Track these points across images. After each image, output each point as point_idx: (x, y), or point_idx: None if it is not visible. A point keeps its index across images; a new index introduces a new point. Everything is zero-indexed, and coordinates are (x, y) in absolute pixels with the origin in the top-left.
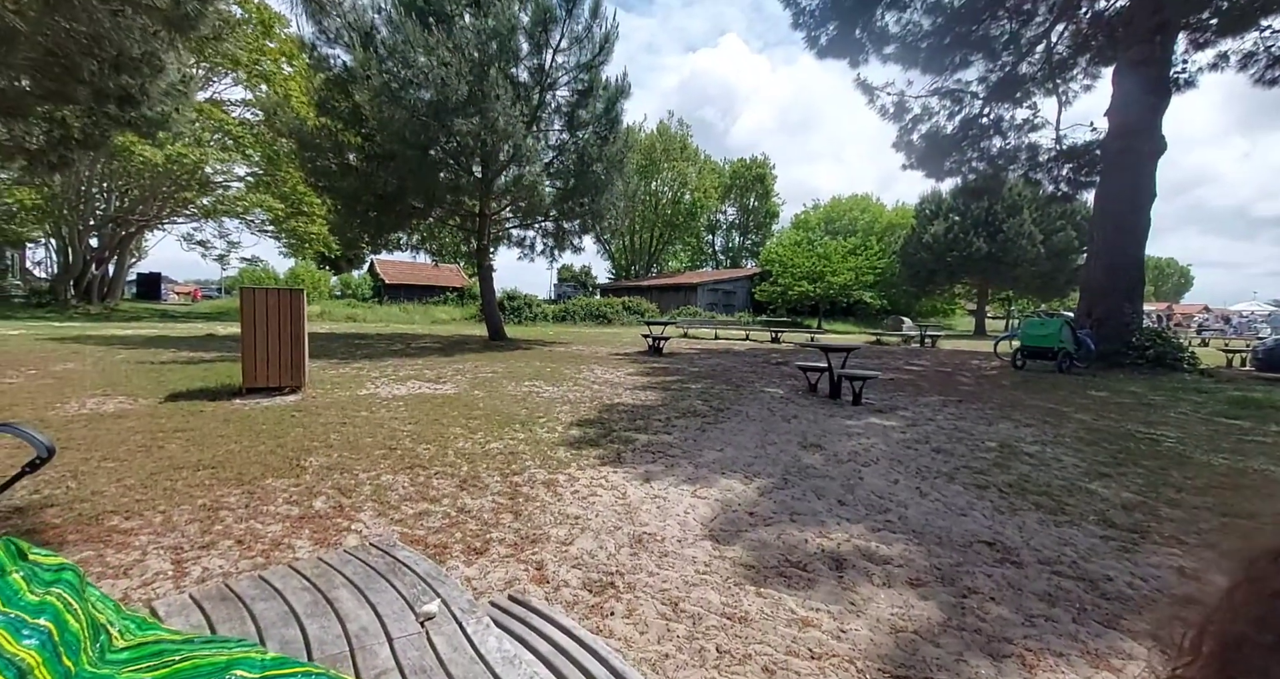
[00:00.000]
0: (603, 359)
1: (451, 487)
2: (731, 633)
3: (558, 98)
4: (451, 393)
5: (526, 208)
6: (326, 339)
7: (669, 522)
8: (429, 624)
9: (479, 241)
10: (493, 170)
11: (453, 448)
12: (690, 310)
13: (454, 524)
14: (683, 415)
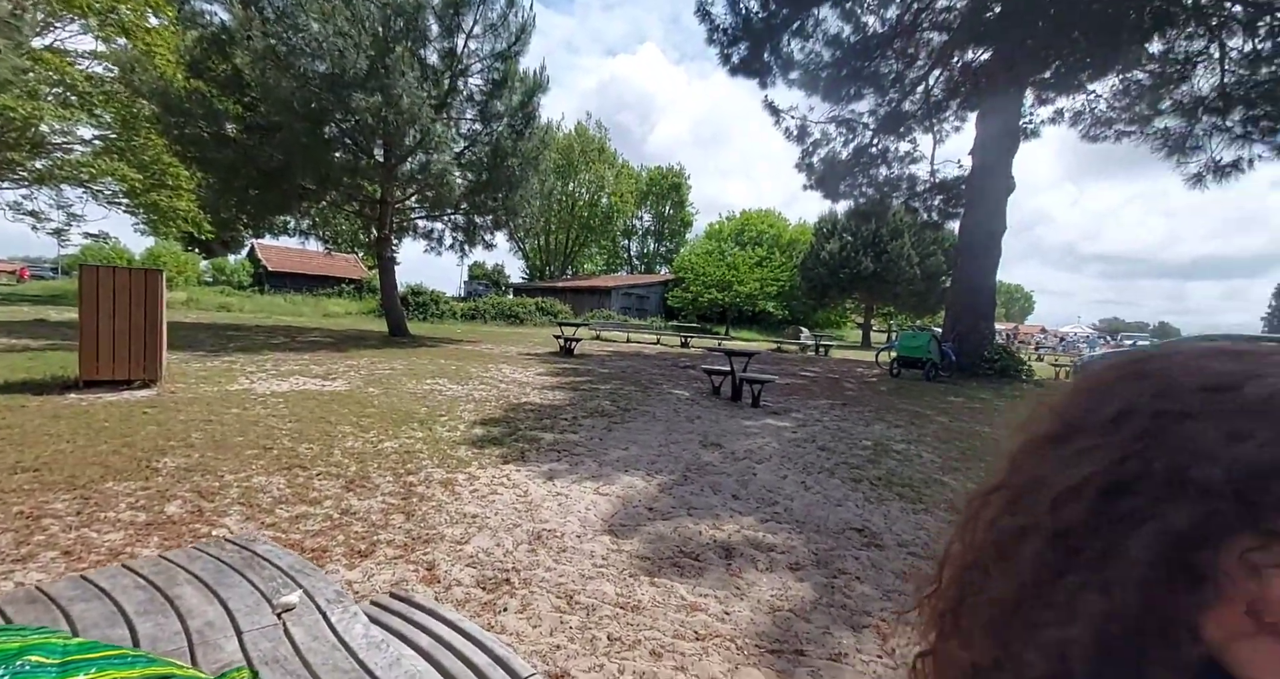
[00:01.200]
0: (512, 358)
1: (336, 488)
2: (624, 621)
3: (470, 85)
4: (342, 390)
5: (434, 198)
6: (192, 329)
7: (570, 518)
8: (288, 616)
9: (380, 231)
10: (397, 155)
11: (340, 447)
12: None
13: (336, 527)
14: (590, 415)
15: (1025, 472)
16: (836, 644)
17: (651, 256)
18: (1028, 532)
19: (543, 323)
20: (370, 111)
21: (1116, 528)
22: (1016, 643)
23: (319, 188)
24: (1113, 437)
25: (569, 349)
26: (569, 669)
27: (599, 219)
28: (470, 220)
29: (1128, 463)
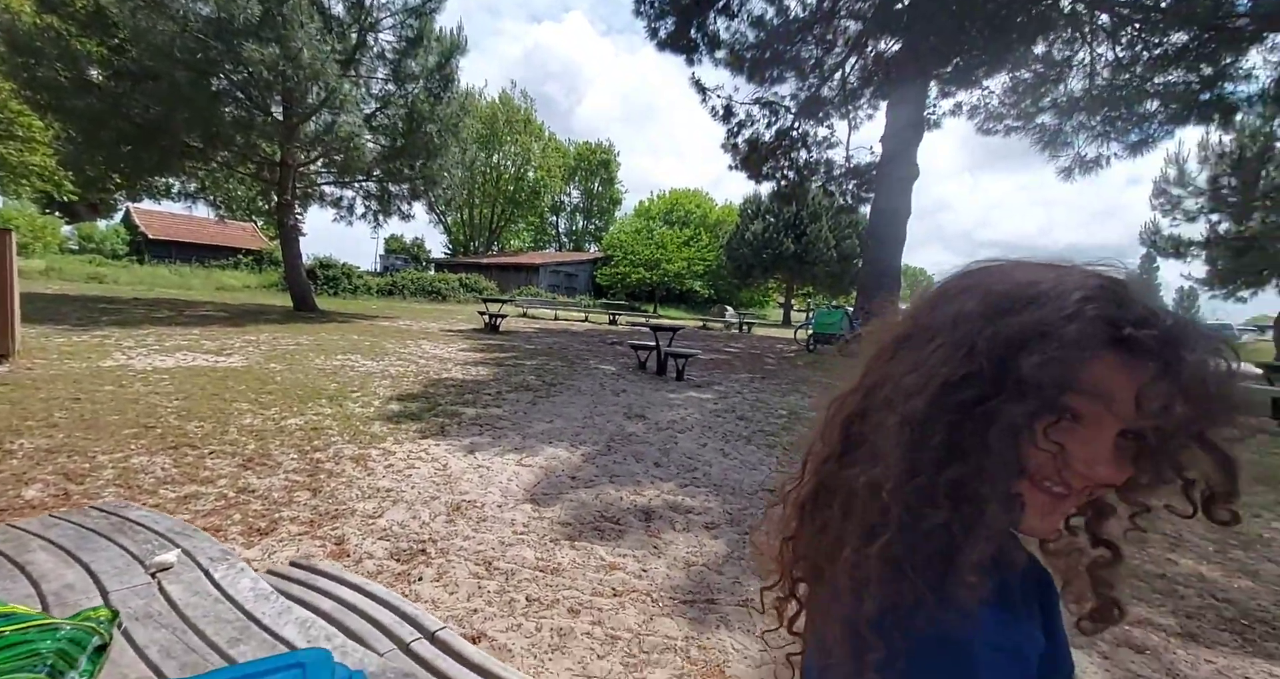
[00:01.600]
0: (433, 335)
1: (232, 466)
2: (543, 583)
3: (381, 42)
4: (239, 366)
5: (343, 163)
6: (55, 301)
7: (491, 489)
8: (166, 575)
9: (281, 196)
10: (299, 113)
11: (236, 425)
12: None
13: (232, 506)
14: (514, 390)
15: (876, 372)
16: (745, 592)
17: (580, 234)
18: (881, 424)
19: (467, 300)
20: (266, 64)
21: (955, 415)
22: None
23: (206, 146)
24: (950, 336)
25: (494, 326)
26: (486, 630)
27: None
28: (384, 188)
29: (963, 359)
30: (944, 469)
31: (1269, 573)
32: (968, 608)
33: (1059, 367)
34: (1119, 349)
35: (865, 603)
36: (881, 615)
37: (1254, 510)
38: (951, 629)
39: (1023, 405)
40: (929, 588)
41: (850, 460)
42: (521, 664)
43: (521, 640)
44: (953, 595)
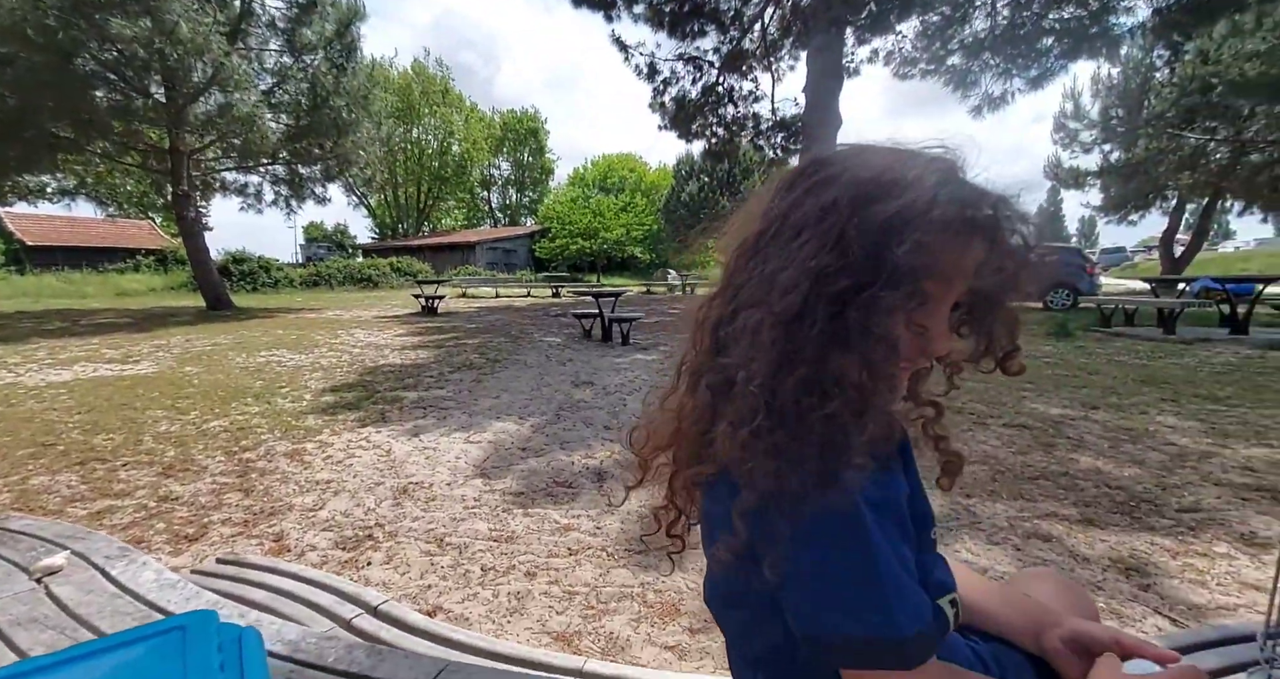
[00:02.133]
0: (366, 323)
1: (150, 476)
2: (497, 552)
3: (270, 9)
4: (149, 373)
5: (243, 146)
6: None
7: (439, 469)
8: (52, 578)
9: (175, 187)
10: (184, 94)
11: (152, 433)
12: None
13: (154, 515)
14: (457, 370)
15: (743, 272)
16: (696, 534)
17: (515, 208)
18: (753, 322)
19: (400, 284)
20: (138, 41)
21: (834, 305)
22: (746, 415)
23: (79, 136)
24: (818, 228)
25: (431, 308)
26: (441, 603)
27: (452, 169)
28: (294, 171)
29: (835, 250)
30: (827, 360)
31: (1153, 460)
32: (857, 485)
33: (927, 251)
34: (964, 229)
35: (748, 495)
36: (764, 504)
37: (1141, 408)
38: (840, 497)
39: (899, 290)
40: (818, 473)
41: (724, 361)
42: (480, 629)
43: (478, 608)
44: (844, 478)
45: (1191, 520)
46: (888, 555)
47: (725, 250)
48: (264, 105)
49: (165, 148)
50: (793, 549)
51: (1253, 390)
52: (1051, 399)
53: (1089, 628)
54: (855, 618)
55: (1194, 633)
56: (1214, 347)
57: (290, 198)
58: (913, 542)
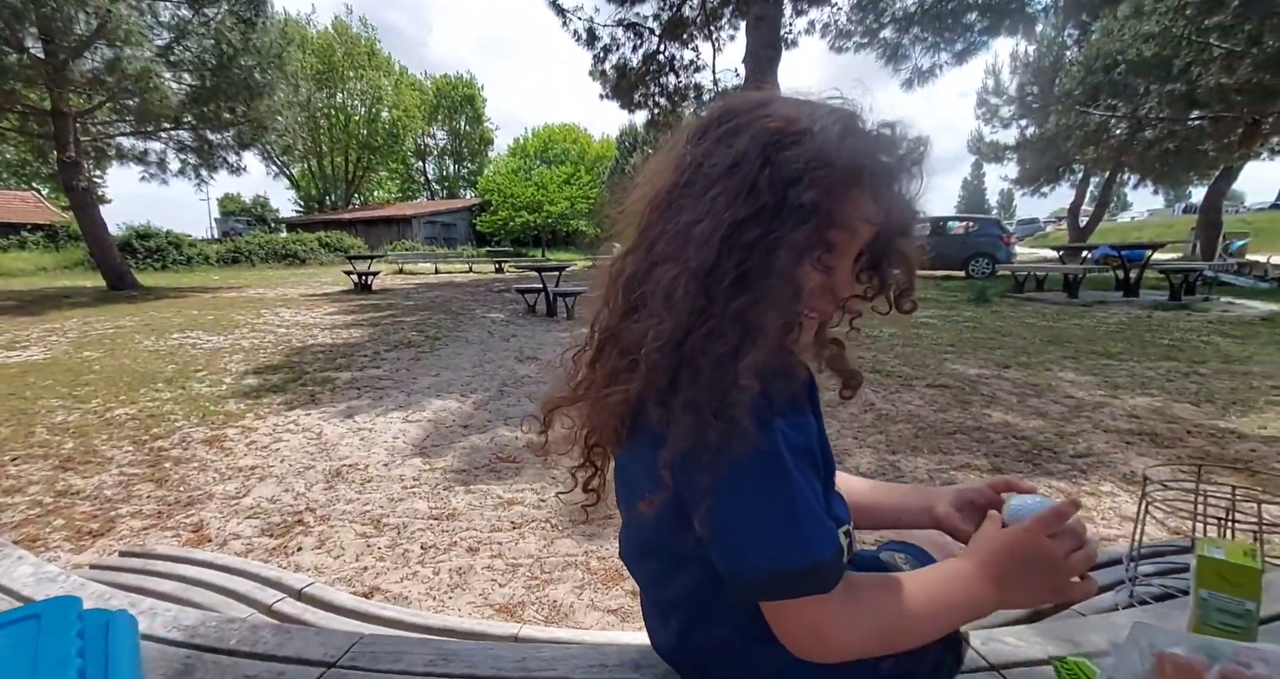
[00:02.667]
0: (293, 301)
1: (45, 470)
2: (438, 530)
3: None
4: (40, 359)
5: (139, 108)
6: None
7: (374, 450)
8: None
9: (61, 153)
10: (65, 48)
11: (45, 424)
12: (406, 245)
13: (51, 512)
14: (394, 348)
15: (656, 227)
16: None
17: (453, 180)
18: (669, 277)
19: (330, 261)
20: None
21: (744, 253)
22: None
23: None
24: (730, 181)
25: (365, 285)
26: (379, 584)
27: (382, 137)
28: (201, 137)
29: (748, 199)
30: (738, 308)
31: (1054, 412)
32: (773, 430)
33: (834, 198)
34: (867, 177)
35: (670, 450)
36: (686, 459)
37: (1046, 366)
38: (760, 443)
39: (807, 236)
40: (734, 423)
41: (639, 318)
42: (420, 607)
43: (419, 586)
44: (761, 424)
45: (1084, 464)
46: (805, 494)
47: (638, 203)
48: (161, 63)
49: (47, 109)
50: (717, 500)
51: (1140, 346)
52: (970, 360)
53: (973, 486)
54: (780, 556)
55: None
56: (1110, 308)
57: (199, 167)
58: (823, 479)
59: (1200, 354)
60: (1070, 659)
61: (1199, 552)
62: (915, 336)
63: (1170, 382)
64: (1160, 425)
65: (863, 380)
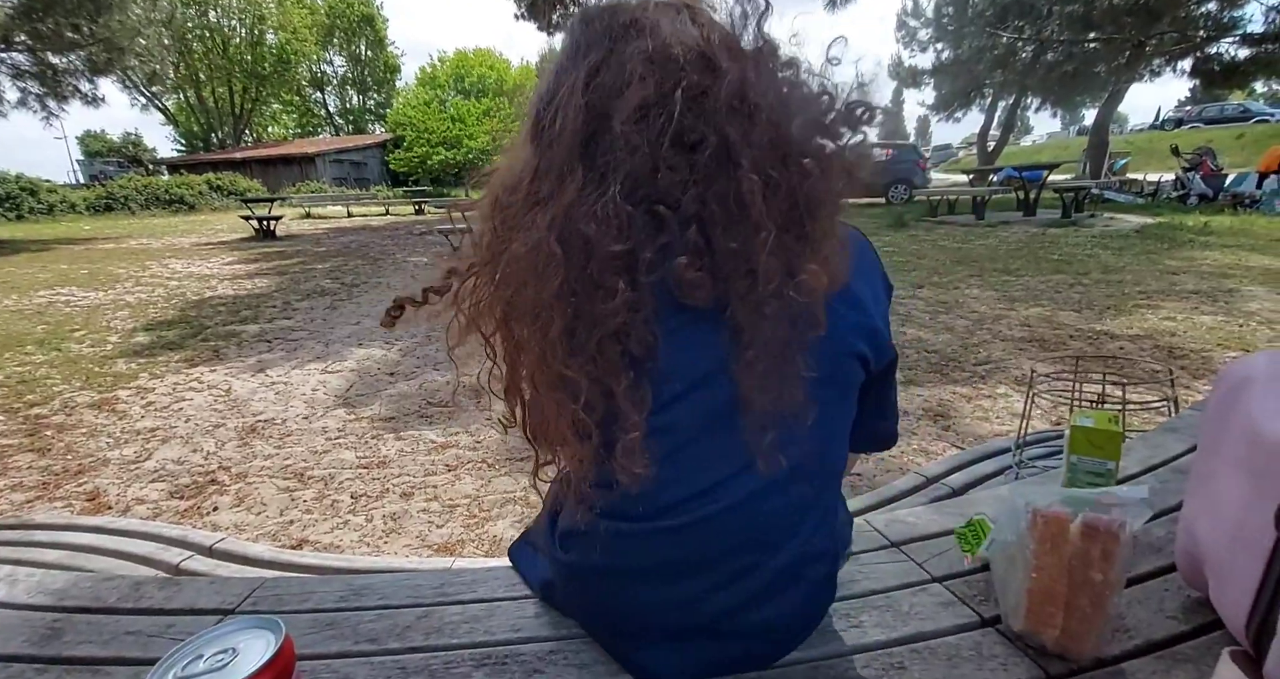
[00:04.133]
0: (184, 252)
1: None
2: (368, 478)
3: None
4: None
5: None
6: None
7: (292, 404)
8: None
9: None
10: None
11: None
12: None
13: None
14: (306, 297)
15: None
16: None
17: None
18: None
19: (225, 206)
20: None
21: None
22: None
23: None
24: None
25: (268, 231)
26: (307, 537)
27: (270, 64)
28: (41, 61)
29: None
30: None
31: (960, 327)
32: None
33: None
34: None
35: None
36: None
37: (955, 284)
38: None
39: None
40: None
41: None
42: (354, 554)
43: (351, 535)
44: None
45: (983, 371)
46: None
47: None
48: None
49: None
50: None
51: (1035, 262)
52: None
53: None
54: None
55: (973, 451)
56: (1011, 227)
57: (44, 97)
58: None
59: (1084, 266)
60: (974, 520)
61: (1072, 422)
62: None
63: (1058, 292)
64: (1048, 332)
65: None
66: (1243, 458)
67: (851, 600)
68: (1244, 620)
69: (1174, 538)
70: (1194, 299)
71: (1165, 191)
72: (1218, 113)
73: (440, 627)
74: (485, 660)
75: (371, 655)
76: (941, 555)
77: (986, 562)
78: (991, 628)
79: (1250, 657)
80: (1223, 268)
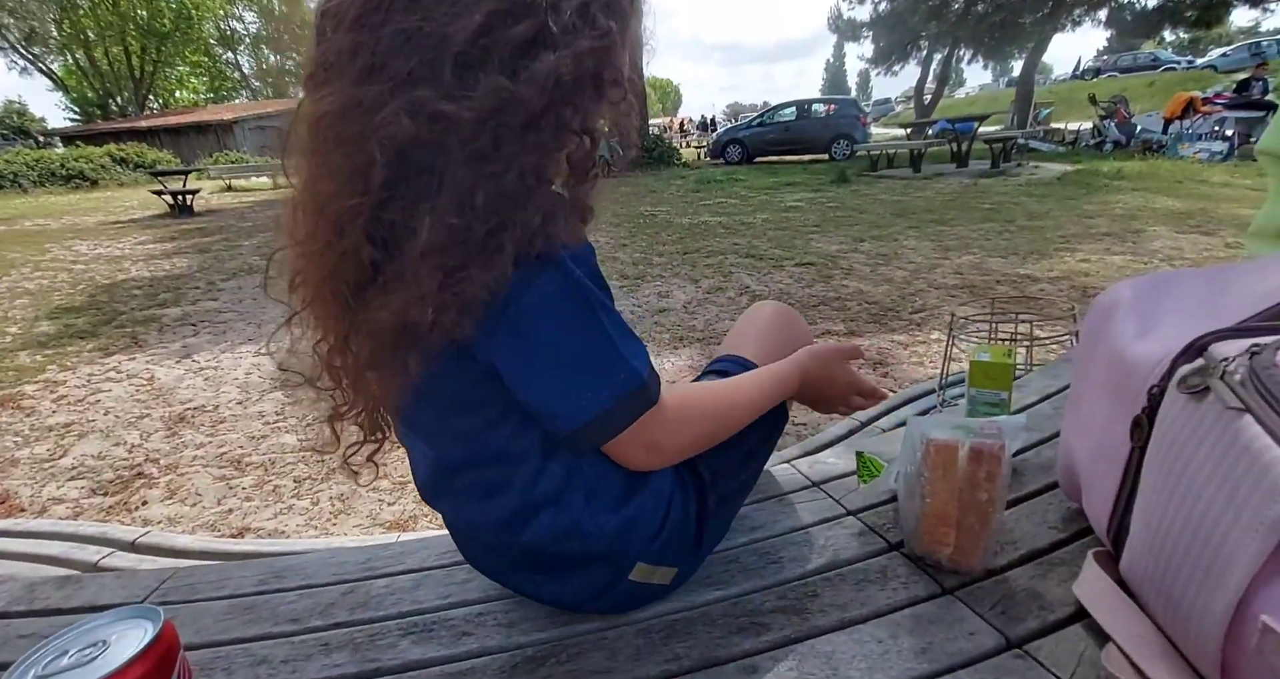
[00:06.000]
0: (89, 232)
1: None
2: (312, 461)
3: None
4: None
5: None
6: None
7: (224, 389)
8: None
9: None
10: None
11: None
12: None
13: None
14: (232, 277)
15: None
16: None
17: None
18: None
19: (132, 180)
20: None
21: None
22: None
23: None
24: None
25: (185, 206)
26: (249, 524)
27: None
28: None
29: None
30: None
31: (899, 277)
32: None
33: None
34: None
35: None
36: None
37: (894, 236)
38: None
39: None
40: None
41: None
42: (302, 538)
43: (296, 519)
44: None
45: (919, 319)
46: (611, 316)
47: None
48: None
49: None
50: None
51: (967, 211)
52: (832, 238)
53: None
54: (607, 386)
55: (901, 395)
56: (946, 179)
57: None
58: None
59: (1011, 214)
60: (864, 456)
61: (973, 358)
62: (785, 220)
63: (988, 240)
64: (977, 278)
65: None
66: (1104, 380)
67: (772, 539)
68: (1105, 524)
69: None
70: (1106, 241)
71: (1084, 139)
72: (1131, 61)
73: (366, 601)
74: (412, 629)
75: (293, 635)
76: (858, 490)
77: (895, 493)
78: (897, 552)
79: (1111, 555)
80: (1132, 210)
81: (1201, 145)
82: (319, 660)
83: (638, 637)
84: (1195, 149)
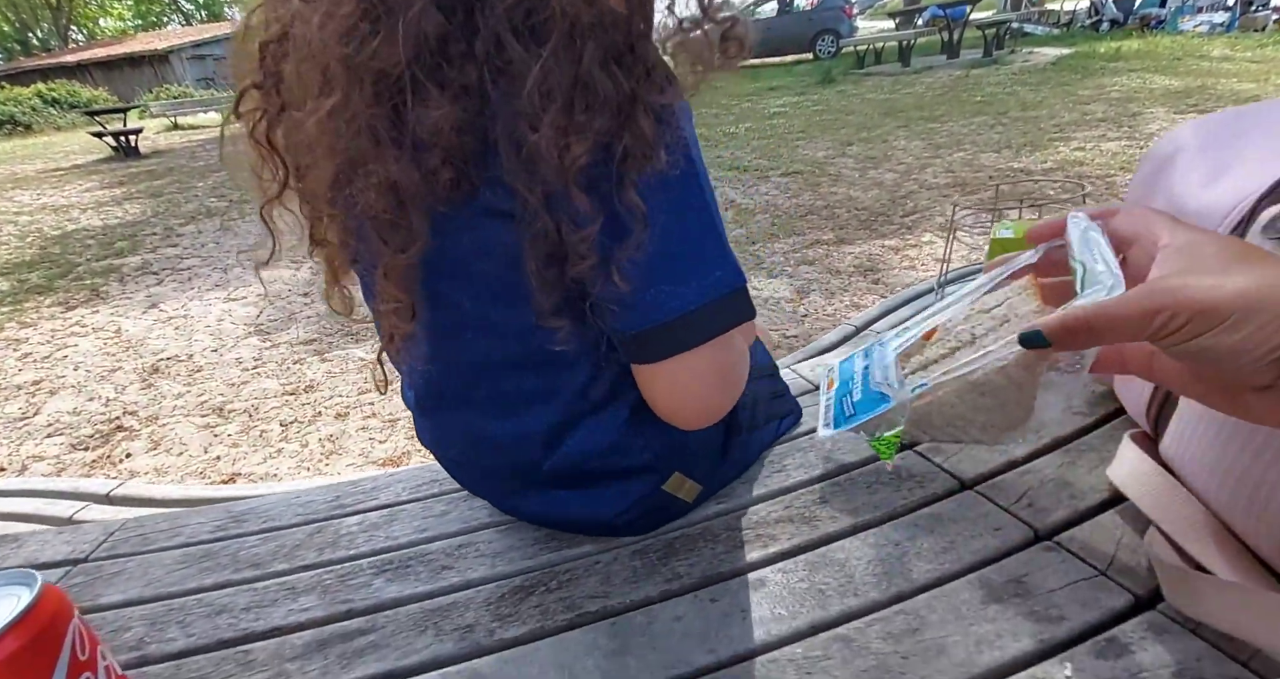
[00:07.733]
0: (29, 180)
1: None
2: (298, 404)
3: None
4: None
5: None
6: None
7: (197, 337)
8: None
9: None
10: None
11: None
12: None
13: None
14: (191, 220)
15: None
16: None
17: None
18: None
19: (69, 123)
20: None
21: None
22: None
23: None
24: None
25: (129, 148)
26: (240, 471)
27: None
28: None
29: None
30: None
31: (889, 181)
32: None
33: None
34: None
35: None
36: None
37: (883, 137)
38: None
39: None
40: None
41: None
42: (293, 480)
43: (287, 462)
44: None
45: (910, 222)
46: (714, 198)
47: None
48: None
49: None
50: (654, 225)
51: (958, 106)
52: (818, 144)
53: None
54: (716, 278)
55: (897, 297)
56: (936, 72)
57: None
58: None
59: (1004, 105)
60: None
61: (993, 235)
62: (769, 128)
63: (980, 135)
64: (970, 175)
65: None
66: None
67: (779, 446)
68: (1145, 405)
69: None
70: (1102, 127)
71: (1080, 19)
72: None
73: (335, 540)
74: (386, 566)
75: (255, 581)
76: None
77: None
78: (910, 450)
79: (1149, 437)
80: (1129, 93)
81: (1203, 18)
82: (285, 605)
83: (633, 558)
84: (1196, 22)
